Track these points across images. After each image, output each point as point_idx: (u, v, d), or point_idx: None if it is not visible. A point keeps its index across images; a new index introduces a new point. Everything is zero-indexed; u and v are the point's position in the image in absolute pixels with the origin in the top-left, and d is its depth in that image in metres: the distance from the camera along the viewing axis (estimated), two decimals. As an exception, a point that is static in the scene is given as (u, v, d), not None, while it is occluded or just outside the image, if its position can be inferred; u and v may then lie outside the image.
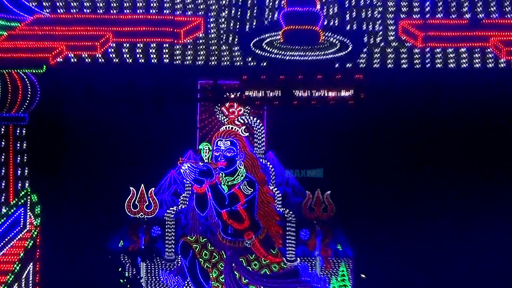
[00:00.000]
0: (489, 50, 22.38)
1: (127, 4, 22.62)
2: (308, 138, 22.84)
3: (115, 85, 22.62)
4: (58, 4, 22.70)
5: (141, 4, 22.51)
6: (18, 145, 22.40)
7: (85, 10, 22.74)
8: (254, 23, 22.81)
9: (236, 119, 22.75)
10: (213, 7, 22.56)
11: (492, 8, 22.67)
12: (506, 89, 22.55)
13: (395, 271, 22.67)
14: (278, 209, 22.47)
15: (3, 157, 22.43)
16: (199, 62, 22.82)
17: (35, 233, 22.25)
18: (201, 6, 22.55)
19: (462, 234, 22.91)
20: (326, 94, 22.50)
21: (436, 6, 22.65)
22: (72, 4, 22.66)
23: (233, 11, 22.63)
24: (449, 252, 22.85)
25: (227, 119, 22.73)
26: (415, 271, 22.74)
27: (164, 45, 22.63)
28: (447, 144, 23.00)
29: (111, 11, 22.85)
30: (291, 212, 22.43)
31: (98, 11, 22.81)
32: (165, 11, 22.66)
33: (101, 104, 22.84)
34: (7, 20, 22.28)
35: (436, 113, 22.87)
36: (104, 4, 22.78)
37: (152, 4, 22.50)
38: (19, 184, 22.48)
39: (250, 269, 22.25)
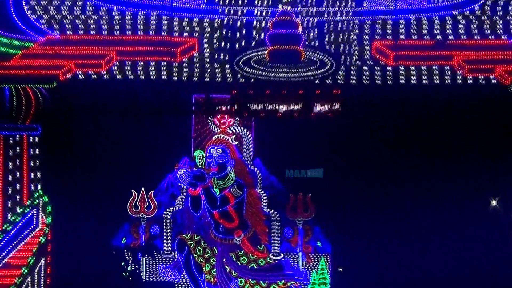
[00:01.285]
0: (452, 67, 22.89)
1: (129, 26, 23.28)
2: (291, 146, 23.49)
3: (118, 98, 23.37)
4: (67, 26, 23.35)
5: (141, 26, 23.23)
6: (31, 151, 23.08)
7: (91, 32, 23.41)
8: (243, 43, 23.28)
9: (227, 129, 23.35)
10: (207, 29, 23.18)
11: (455, 31, 23.39)
12: (467, 101, 23.17)
13: (368, 265, 23.32)
14: (264, 209, 23.16)
15: (18, 162, 22.90)
16: (194, 78, 23.29)
17: (47, 230, 23.19)
18: (196, 28, 23.29)
19: (429, 231, 23.45)
20: (307, 107, 23.13)
21: (406, 29, 23.29)
22: (79, 26, 23.34)
23: (224, 33, 23.21)
24: (417, 247, 23.23)
25: (219, 129, 23.31)
26: (386, 265, 23.31)
27: (162, 63, 23.28)
28: (415, 149, 23.64)
29: (115, 33, 23.44)
30: (276, 213, 23.16)
31: (103, 32, 23.44)
32: (163, 33, 23.23)
33: (105, 115, 23.70)
34: (21, 40, 23.13)
35: (405, 122, 23.58)
36: (108, 26, 23.41)
37: (151, 27, 23.17)
38: (32, 187, 23.25)
39: (239, 264, 23.01)
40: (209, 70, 23.78)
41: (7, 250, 22.44)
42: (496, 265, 23.43)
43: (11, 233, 22.59)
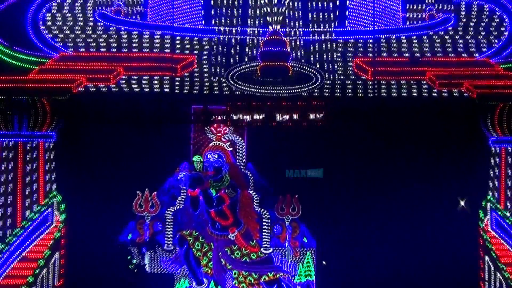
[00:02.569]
0: (425, 82, 23.72)
1: (135, 45, 24.04)
2: (279, 152, 23.56)
3: (125, 109, 23.62)
4: (79, 44, 24.20)
5: (146, 44, 24.05)
6: (47, 156, 23.49)
7: (100, 49, 24.22)
8: (237, 60, 24.03)
9: (222, 136, 23.67)
10: (205, 47, 24.03)
11: (427, 49, 24.29)
12: (439, 112, 23.69)
13: (348, 259, 23.84)
14: (256, 209, 23.58)
15: (35, 166, 23.23)
16: (193, 91, 23.94)
17: (61, 226, 23.63)
18: (196, 46, 24.11)
19: (405, 228, 23.44)
20: (295, 117, 23.62)
21: (383, 47, 24.24)
22: (90, 44, 24.16)
23: (220, 50, 24.05)
24: (394, 243, 23.57)
25: (215, 136, 23.67)
26: (365, 259, 23.84)
27: (165, 77, 23.80)
28: (392, 156, 23.80)
29: (122, 50, 24.20)
30: (266, 211, 23.54)
31: (112, 50, 24.20)
32: (165, 50, 24.13)
33: (113, 124, 23.71)
34: (38, 57, 23.86)
35: (384, 131, 23.71)
36: (116, 44, 24.17)
37: (155, 45, 24.06)
38: (48, 187, 23.64)
39: (233, 257, 23.44)
40: (206, 84, 24.16)
41: (25, 244, 22.88)
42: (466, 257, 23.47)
43: (29, 229, 23.15)
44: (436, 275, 23.62)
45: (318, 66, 23.77)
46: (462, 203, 23.65)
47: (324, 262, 23.79)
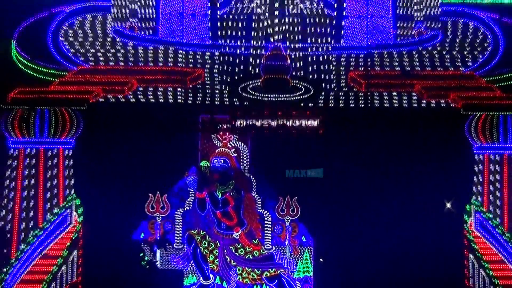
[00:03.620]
0: (414, 93, 24.34)
1: (151, 58, 24.48)
2: (279, 157, 24.14)
3: (139, 118, 24.16)
4: (95, 58, 24.69)
5: (158, 58, 24.49)
6: (66, 162, 23.90)
7: (116, 63, 24.67)
8: (241, 73, 24.50)
9: (228, 143, 24.15)
10: (211, 61, 24.47)
11: (416, 62, 24.77)
12: (427, 121, 24.26)
13: (344, 256, 24.07)
14: (258, 210, 23.96)
15: (55, 171, 23.69)
16: (201, 101, 24.49)
17: (79, 227, 24.05)
18: (202, 61, 24.55)
19: (397, 229, 23.90)
20: (291, 125, 24.15)
21: (376, 61, 24.70)
22: (106, 58, 24.65)
23: (225, 64, 24.47)
24: (386, 240, 23.91)
25: (221, 143, 24.12)
26: (359, 256, 24.04)
27: (177, 89, 24.38)
28: (385, 161, 24.26)
29: (136, 64, 24.62)
30: (268, 212, 23.90)
31: (126, 64, 24.67)
32: (176, 64, 24.51)
33: (127, 132, 24.14)
34: (58, 70, 24.52)
35: (378, 139, 24.27)
36: (130, 58, 24.64)
37: (166, 59, 24.49)
38: (67, 191, 23.99)
39: (237, 255, 23.81)
40: (213, 95, 24.60)
41: (46, 243, 23.43)
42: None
43: (49, 230, 23.61)
44: (424, 271, 23.90)
45: (316, 78, 24.34)
46: (449, 205, 24.09)
47: (321, 259, 24.18)
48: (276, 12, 24.81)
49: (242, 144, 24.26)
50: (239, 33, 24.79)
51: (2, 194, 23.80)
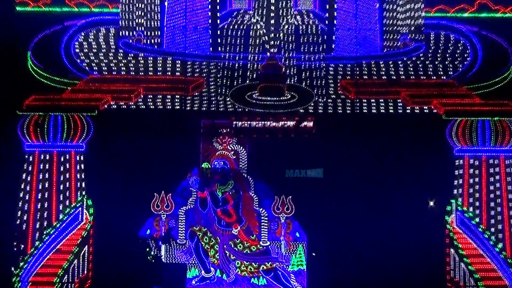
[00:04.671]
0: (400, 100, 24.91)
1: (156, 68, 25.13)
2: (275, 160, 24.61)
3: (145, 123, 24.68)
4: (106, 68, 25.22)
5: (162, 68, 25.13)
6: (78, 164, 24.41)
7: (123, 73, 25.20)
8: (240, 81, 25.06)
9: (227, 146, 24.59)
10: (212, 71, 25.08)
11: (401, 71, 25.42)
12: (411, 126, 24.78)
13: (334, 250, 24.45)
14: (256, 208, 24.34)
15: (67, 172, 24.28)
16: (202, 108, 24.99)
17: (89, 225, 24.46)
18: (204, 70, 25.18)
19: (385, 225, 24.38)
20: (287, 126, 24.64)
21: (364, 70, 25.35)
22: (114, 68, 25.24)
23: (225, 73, 25.09)
24: (375, 239, 24.41)
25: (221, 146, 24.59)
26: (348, 251, 24.44)
27: (181, 97, 24.89)
28: (374, 163, 24.96)
29: (142, 73, 25.22)
30: (264, 210, 24.27)
31: (133, 73, 25.26)
32: (178, 73, 25.14)
33: (135, 136, 24.64)
34: (70, 79, 25.06)
35: (366, 143, 24.90)
36: (137, 68, 25.27)
37: (170, 69, 25.13)
38: (78, 191, 24.43)
39: (236, 249, 24.19)
40: (213, 102, 25.14)
41: (59, 239, 23.95)
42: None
43: (62, 227, 24.09)
44: (410, 265, 24.24)
45: (309, 86, 24.99)
46: (432, 203, 24.69)
47: (313, 254, 24.58)
48: (272, 26, 25.40)
49: (241, 147, 24.69)
50: (238, 44, 25.35)
51: (18, 195, 24.21)
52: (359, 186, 25.03)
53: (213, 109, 25.01)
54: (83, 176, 24.55)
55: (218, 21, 25.55)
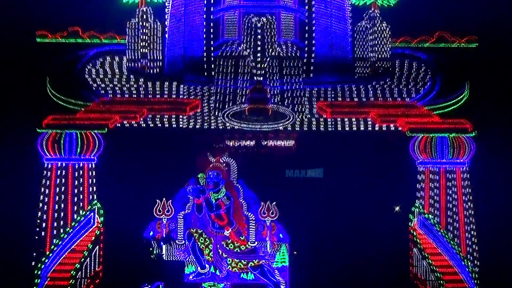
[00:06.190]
0: (369, 119, 26.10)
1: (156, 91, 26.12)
2: (261, 171, 25.70)
3: (148, 139, 25.83)
4: (114, 91, 26.35)
5: (163, 91, 26.23)
6: (90, 174, 25.47)
7: (130, 95, 26.36)
8: (231, 103, 26.09)
9: (220, 159, 24.63)
10: (206, 93, 26.16)
11: (371, 94, 26.62)
12: (380, 141, 26.07)
13: (314, 250, 25.37)
14: (245, 213, 24.30)
15: (81, 181, 25.16)
16: (197, 126, 26.08)
17: (100, 228, 25.45)
18: (199, 92, 26.28)
19: (357, 228, 25.49)
20: (271, 144, 25.92)
21: (338, 92, 26.54)
22: (122, 91, 26.33)
23: (218, 97, 26.16)
24: (348, 239, 25.40)
25: (215, 159, 24.60)
26: (326, 250, 25.37)
27: (179, 117, 26.07)
28: (347, 173, 25.86)
29: (147, 95, 26.36)
30: (252, 215, 24.20)
31: (139, 95, 26.40)
32: (178, 96, 26.28)
33: (140, 151, 25.73)
34: (83, 101, 26.26)
35: (338, 154, 25.98)
36: (142, 91, 26.33)
37: (167, 92, 26.24)
38: (90, 198, 25.42)
39: (228, 249, 24.24)
40: (207, 120, 26.03)
41: (73, 240, 25.01)
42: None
43: (76, 229, 25.15)
44: (378, 262, 25.36)
45: (290, 107, 26.04)
46: (397, 208, 25.76)
47: (295, 252, 25.13)
48: (259, 55, 26.33)
49: (232, 160, 24.81)
50: (229, 72, 26.35)
51: (38, 202, 25.24)
52: (335, 194, 25.71)
53: (206, 127, 25.73)
54: (94, 185, 25.42)
55: (212, 48, 26.53)
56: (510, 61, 27.53)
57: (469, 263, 25.17)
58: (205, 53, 26.64)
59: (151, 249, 24.65)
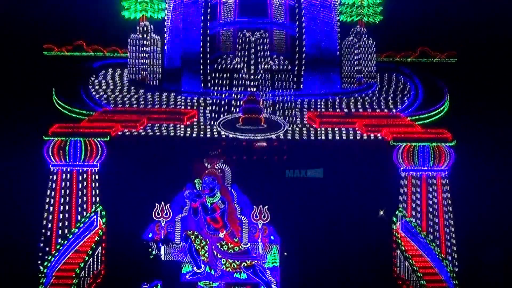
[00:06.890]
0: (356, 128, 26.61)
1: (154, 101, 26.38)
2: (253, 177, 25.96)
3: (148, 146, 26.12)
4: (115, 101, 26.60)
5: (162, 101, 26.46)
6: (93, 179, 25.72)
7: (131, 105, 26.70)
8: (226, 113, 26.34)
9: (215, 166, 25.45)
10: (202, 104, 26.38)
11: (359, 105, 26.93)
12: (365, 150, 26.43)
13: (303, 251, 25.64)
14: (238, 216, 25.03)
15: (85, 185, 25.53)
16: (194, 134, 26.35)
17: (102, 230, 25.64)
18: (196, 103, 26.54)
19: (344, 231, 25.89)
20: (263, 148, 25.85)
21: (328, 104, 26.91)
22: (123, 101, 26.62)
23: (214, 107, 26.47)
24: (336, 241, 25.80)
25: (210, 165, 25.43)
26: (315, 251, 25.65)
27: (177, 126, 26.34)
28: (336, 179, 26.19)
29: (146, 106, 26.64)
30: (245, 218, 24.95)
31: (139, 105, 26.63)
32: (176, 106, 26.48)
33: (140, 158, 25.90)
34: (87, 110, 26.57)
35: (325, 162, 26.45)
36: (142, 102, 26.60)
37: (166, 102, 26.56)
38: (93, 201, 25.66)
39: (222, 250, 24.91)
40: (203, 129, 26.44)
41: (77, 241, 25.26)
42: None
43: (80, 231, 25.39)
44: (363, 263, 25.78)
45: (282, 117, 26.39)
46: (382, 212, 26.19)
47: (285, 253, 25.57)
48: (252, 68, 26.65)
49: (226, 166, 25.64)
50: (224, 83, 26.73)
51: (44, 205, 25.44)
52: (324, 198, 26.18)
53: (202, 136, 26.11)
54: (97, 190, 25.71)
55: (208, 61, 26.74)
56: (487, 75, 27.91)
57: (449, 264, 25.55)
58: (201, 66, 26.98)
59: (150, 250, 25.07)
